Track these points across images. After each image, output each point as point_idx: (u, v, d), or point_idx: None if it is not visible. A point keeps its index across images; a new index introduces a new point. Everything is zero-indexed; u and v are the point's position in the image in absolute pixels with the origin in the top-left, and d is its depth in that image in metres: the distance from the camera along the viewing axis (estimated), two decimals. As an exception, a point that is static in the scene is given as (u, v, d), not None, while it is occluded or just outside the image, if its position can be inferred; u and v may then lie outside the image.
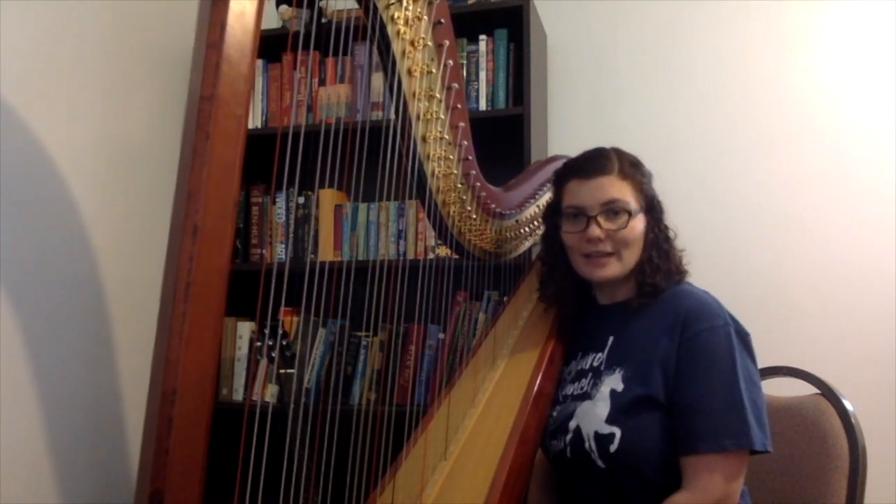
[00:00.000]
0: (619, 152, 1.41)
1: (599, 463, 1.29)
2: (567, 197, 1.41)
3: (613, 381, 1.32)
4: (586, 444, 1.31)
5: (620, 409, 1.29)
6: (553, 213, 1.46)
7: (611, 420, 1.29)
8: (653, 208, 1.40)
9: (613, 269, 1.37)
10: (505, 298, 1.78)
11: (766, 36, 2.39)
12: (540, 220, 1.66)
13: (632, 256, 1.37)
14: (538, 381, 1.41)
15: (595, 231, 1.34)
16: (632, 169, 1.39)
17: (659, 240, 1.39)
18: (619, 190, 1.36)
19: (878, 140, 2.26)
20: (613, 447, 1.27)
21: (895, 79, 2.27)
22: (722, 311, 1.32)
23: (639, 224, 1.37)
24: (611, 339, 1.39)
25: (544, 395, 1.41)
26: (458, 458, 1.34)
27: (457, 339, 2.22)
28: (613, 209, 1.35)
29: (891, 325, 2.18)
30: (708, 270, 1.56)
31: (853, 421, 1.45)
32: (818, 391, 1.53)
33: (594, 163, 1.39)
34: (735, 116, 2.38)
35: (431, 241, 2.28)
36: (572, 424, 1.34)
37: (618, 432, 1.27)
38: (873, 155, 2.26)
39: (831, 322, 2.21)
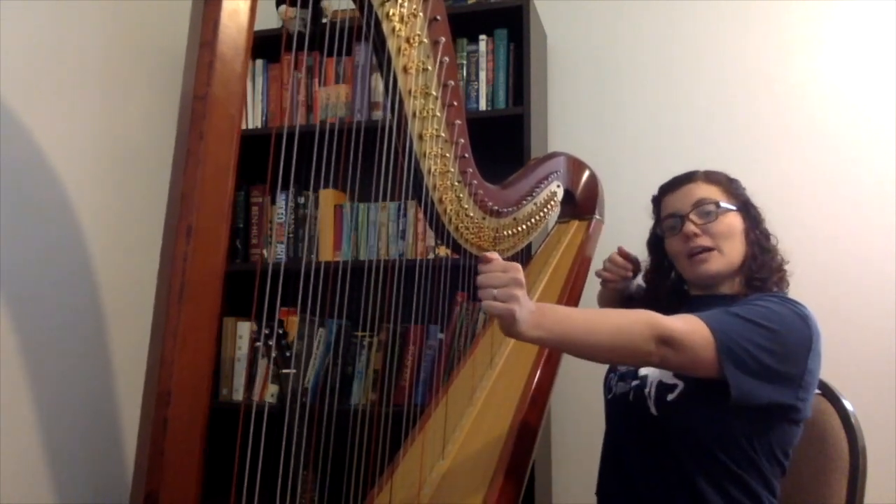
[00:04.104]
0: (705, 170, 1.51)
1: (652, 410, 1.33)
2: (664, 211, 1.51)
3: None
4: (646, 390, 1.35)
5: None
6: (656, 231, 1.56)
7: (678, 374, 1.32)
8: (749, 210, 1.46)
9: (717, 263, 1.42)
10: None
11: (767, 36, 2.38)
12: (538, 217, 1.67)
13: (733, 251, 1.43)
14: (536, 380, 1.41)
15: (690, 227, 1.42)
16: (718, 176, 1.49)
17: (760, 240, 1.45)
18: (705, 191, 1.45)
19: (878, 140, 2.26)
20: (671, 396, 1.31)
21: (895, 79, 2.27)
22: (809, 314, 1.33)
23: (733, 220, 1.44)
24: None
25: (542, 393, 1.40)
26: (456, 457, 1.34)
27: (456, 339, 2.21)
28: (704, 207, 1.43)
29: (891, 325, 2.18)
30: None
31: (853, 421, 1.44)
32: (818, 391, 1.52)
33: (681, 177, 1.51)
34: (735, 116, 2.37)
35: (431, 242, 2.28)
36: (643, 372, 1.39)
37: (681, 385, 1.32)
38: (873, 155, 2.25)
39: (831, 322, 2.17)
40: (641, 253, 1.63)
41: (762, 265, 1.42)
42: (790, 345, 1.28)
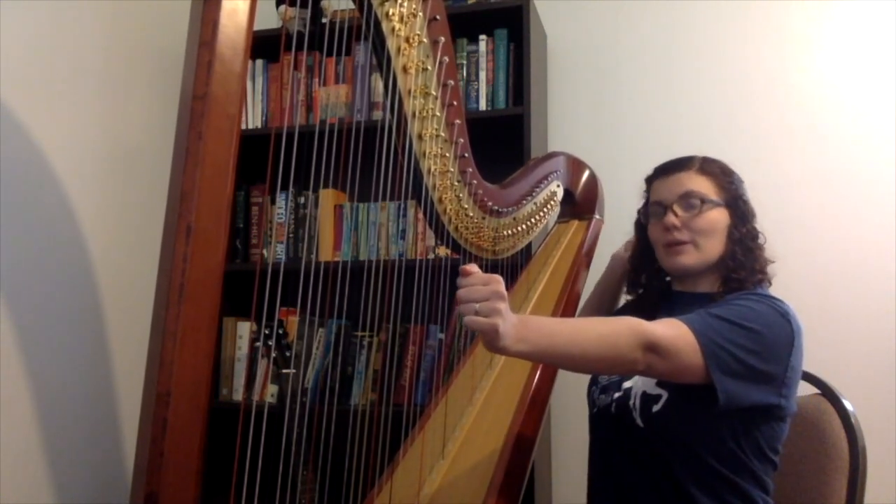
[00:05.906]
0: (704, 157, 1.47)
1: (639, 422, 1.32)
2: (652, 195, 1.48)
3: None
4: (630, 402, 1.34)
5: None
6: (642, 213, 1.53)
7: (661, 384, 1.31)
8: (737, 207, 1.43)
9: (691, 257, 1.40)
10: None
11: (766, 36, 2.38)
12: (537, 217, 1.68)
13: (711, 248, 1.40)
14: (535, 381, 1.41)
15: (671, 219, 1.40)
16: (713, 167, 1.44)
17: (745, 239, 1.41)
18: (695, 183, 1.41)
19: (878, 140, 2.26)
20: (657, 407, 1.30)
21: (895, 79, 2.26)
22: (789, 311, 1.31)
23: (717, 215, 1.40)
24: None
25: (541, 395, 1.40)
26: (456, 457, 1.34)
27: (456, 339, 2.21)
28: (689, 200, 1.40)
29: (891, 325, 2.17)
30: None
31: (853, 421, 1.44)
32: (818, 391, 1.53)
33: (676, 162, 1.47)
34: (735, 116, 2.37)
35: (431, 242, 2.28)
36: (626, 383, 1.38)
37: (665, 395, 1.30)
38: (873, 155, 2.25)
39: (831, 322, 2.20)
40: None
41: (740, 265, 1.38)
42: (772, 343, 1.27)
